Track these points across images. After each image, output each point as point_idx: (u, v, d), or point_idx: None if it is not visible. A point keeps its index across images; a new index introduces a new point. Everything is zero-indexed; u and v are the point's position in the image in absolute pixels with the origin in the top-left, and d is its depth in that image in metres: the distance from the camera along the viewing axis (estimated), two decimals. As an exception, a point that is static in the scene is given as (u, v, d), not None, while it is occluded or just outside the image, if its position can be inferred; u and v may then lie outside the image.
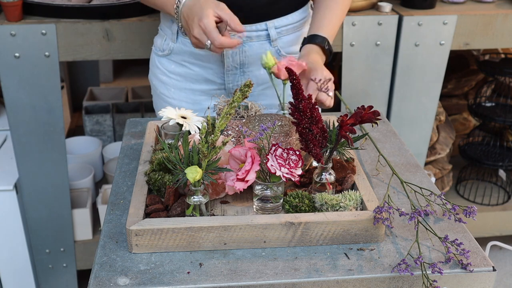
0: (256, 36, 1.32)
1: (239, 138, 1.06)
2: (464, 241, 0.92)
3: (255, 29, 1.31)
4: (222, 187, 0.99)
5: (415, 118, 1.94)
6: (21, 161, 1.79)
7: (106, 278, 0.82)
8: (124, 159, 1.17)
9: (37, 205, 1.87)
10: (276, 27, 1.32)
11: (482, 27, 1.82)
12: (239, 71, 1.35)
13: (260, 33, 1.32)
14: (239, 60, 1.33)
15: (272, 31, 1.32)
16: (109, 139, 2.45)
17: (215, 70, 1.36)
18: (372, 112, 0.92)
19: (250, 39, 1.31)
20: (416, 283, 0.85)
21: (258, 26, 1.31)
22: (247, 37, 1.31)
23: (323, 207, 0.93)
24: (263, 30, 1.32)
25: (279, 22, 1.32)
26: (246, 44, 1.32)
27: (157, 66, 1.43)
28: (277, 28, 1.33)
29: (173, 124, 1.05)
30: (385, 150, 1.21)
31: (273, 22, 1.32)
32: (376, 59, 1.82)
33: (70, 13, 1.67)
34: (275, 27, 1.32)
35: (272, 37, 1.32)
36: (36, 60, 1.66)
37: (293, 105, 0.93)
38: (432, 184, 1.09)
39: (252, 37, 1.31)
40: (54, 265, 2.00)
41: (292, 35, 1.36)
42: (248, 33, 1.30)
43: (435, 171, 2.25)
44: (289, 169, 0.89)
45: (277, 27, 1.33)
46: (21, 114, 1.72)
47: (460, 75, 2.39)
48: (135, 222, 0.87)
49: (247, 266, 0.85)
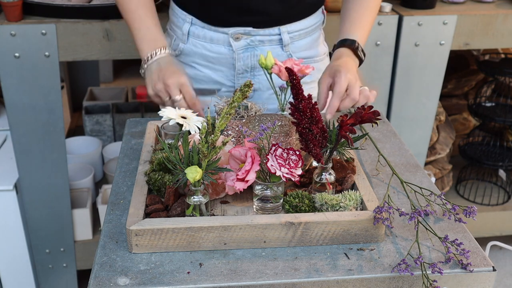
0: (269, 41, 1.30)
1: (239, 138, 1.06)
2: (464, 241, 0.92)
3: (268, 33, 1.30)
4: (222, 187, 0.99)
5: (415, 118, 1.94)
6: (21, 161, 1.79)
7: (106, 278, 0.82)
8: (124, 159, 1.17)
9: (37, 205, 1.87)
10: (289, 32, 1.31)
11: (482, 27, 1.82)
12: (250, 74, 1.34)
13: (273, 37, 1.31)
14: (250, 64, 1.32)
15: (285, 36, 1.31)
16: (109, 139, 2.45)
17: (226, 72, 1.35)
18: (372, 112, 0.92)
19: (262, 43, 1.30)
20: (416, 283, 0.85)
21: (271, 30, 1.30)
22: (259, 41, 1.30)
23: (323, 207, 0.93)
24: (276, 35, 1.30)
25: (292, 27, 1.31)
26: (258, 48, 1.31)
27: None
28: (290, 33, 1.31)
29: (173, 124, 1.05)
30: (385, 150, 1.21)
31: (286, 27, 1.30)
32: (376, 59, 1.82)
33: (70, 13, 1.67)
34: (288, 32, 1.31)
35: (284, 42, 1.31)
36: (36, 60, 1.66)
37: (293, 105, 0.93)
38: (432, 184, 1.09)
39: (264, 41, 1.30)
40: (54, 265, 2.00)
41: (304, 40, 1.35)
42: (260, 37, 1.30)
43: (435, 171, 2.25)
44: (289, 169, 0.89)
45: (290, 32, 1.31)
46: (21, 114, 1.72)
47: (460, 75, 2.39)
48: (135, 222, 0.87)
49: (247, 266, 0.85)
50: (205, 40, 1.32)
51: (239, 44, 1.30)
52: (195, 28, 1.32)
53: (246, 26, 1.28)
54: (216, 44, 1.31)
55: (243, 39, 1.29)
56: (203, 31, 1.31)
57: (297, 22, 1.32)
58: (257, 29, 1.28)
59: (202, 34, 1.31)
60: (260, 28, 1.28)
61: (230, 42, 1.29)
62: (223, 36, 1.30)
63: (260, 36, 1.29)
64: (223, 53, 1.31)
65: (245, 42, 1.30)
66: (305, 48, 1.36)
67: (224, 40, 1.30)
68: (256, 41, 1.30)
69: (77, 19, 1.67)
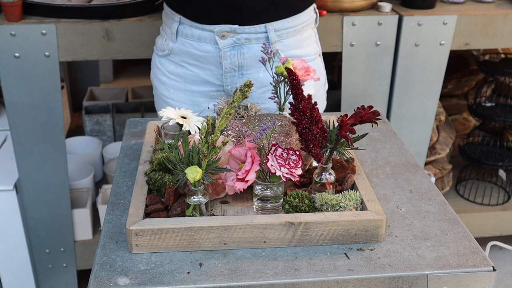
0: (255, 38, 1.30)
1: (239, 138, 1.06)
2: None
3: (254, 31, 1.29)
4: (222, 187, 0.99)
5: (415, 118, 1.94)
6: (21, 161, 1.79)
7: (106, 278, 0.82)
8: (124, 159, 1.17)
9: (37, 205, 1.87)
10: (276, 29, 1.30)
11: (482, 27, 1.82)
12: (238, 73, 1.33)
13: (259, 35, 1.30)
14: (238, 62, 1.32)
15: (271, 34, 1.30)
16: (109, 139, 2.45)
17: (214, 71, 1.34)
18: (372, 112, 0.92)
19: (249, 41, 1.30)
20: (416, 283, 0.85)
21: (258, 28, 1.29)
22: (245, 39, 1.30)
23: (323, 207, 0.93)
24: (263, 33, 1.30)
25: (279, 24, 1.30)
26: (245, 46, 1.30)
27: (157, 67, 1.42)
28: (277, 30, 1.30)
29: (173, 124, 1.05)
30: (385, 150, 1.21)
31: (272, 25, 1.29)
32: (376, 59, 1.82)
33: (70, 13, 1.67)
34: (274, 29, 1.30)
35: (271, 39, 1.30)
36: (36, 60, 1.66)
37: (293, 105, 0.93)
38: (432, 184, 1.09)
39: (251, 39, 1.30)
40: (54, 265, 2.00)
41: (292, 38, 1.34)
42: (247, 34, 1.29)
43: (435, 171, 2.25)
44: (289, 169, 0.89)
45: (277, 30, 1.30)
46: (21, 114, 1.72)
47: (460, 75, 2.39)
48: (135, 222, 0.87)
49: (247, 266, 0.85)
50: (193, 39, 1.32)
51: (225, 42, 1.29)
52: (183, 27, 1.32)
53: (231, 24, 1.28)
54: (204, 43, 1.31)
55: (230, 37, 1.29)
56: (191, 29, 1.31)
57: (284, 20, 1.31)
58: (242, 26, 1.28)
59: (190, 33, 1.32)
60: (246, 26, 1.28)
61: (216, 40, 1.29)
62: (209, 34, 1.30)
63: (246, 34, 1.29)
64: (210, 51, 1.31)
65: (231, 40, 1.29)
66: (294, 47, 1.34)
67: (210, 39, 1.30)
68: (242, 39, 1.29)
69: (77, 19, 1.67)
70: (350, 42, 1.78)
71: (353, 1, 1.75)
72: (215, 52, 1.31)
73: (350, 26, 1.76)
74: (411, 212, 0.99)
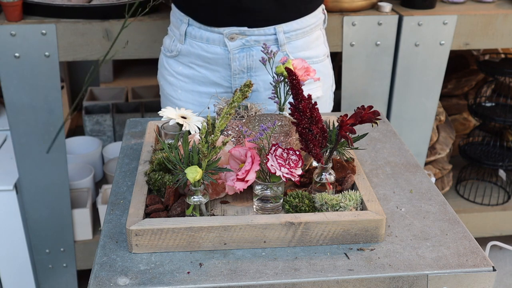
0: (264, 40, 1.29)
1: (239, 138, 1.06)
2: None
3: (263, 33, 1.29)
4: (222, 187, 0.99)
5: (415, 118, 1.94)
6: (21, 161, 1.79)
7: (106, 278, 0.82)
8: (124, 159, 1.17)
9: (37, 205, 1.87)
10: (285, 31, 1.30)
11: (482, 27, 1.82)
12: (247, 75, 1.33)
13: (269, 37, 1.29)
14: (246, 64, 1.31)
15: (280, 36, 1.29)
16: (109, 139, 2.45)
17: (222, 73, 1.34)
18: (372, 112, 0.92)
19: (258, 43, 1.29)
20: (416, 283, 0.85)
21: (267, 30, 1.29)
22: (254, 41, 1.29)
23: (323, 207, 0.93)
24: (272, 35, 1.29)
25: (288, 26, 1.30)
26: (254, 48, 1.30)
27: (165, 67, 1.42)
28: (286, 32, 1.30)
29: (173, 124, 1.05)
30: (385, 150, 1.21)
31: (281, 27, 1.29)
32: (376, 59, 1.82)
33: (70, 13, 1.67)
34: (284, 31, 1.30)
35: (280, 41, 1.30)
36: (36, 60, 1.66)
37: (293, 105, 0.93)
38: (432, 184, 1.09)
39: (260, 41, 1.29)
40: (54, 265, 2.00)
41: (301, 40, 1.33)
42: (256, 37, 1.29)
43: (435, 171, 2.25)
44: (289, 169, 0.89)
45: (286, 32, 1.30)
46: (21, 114, 1.72)
47: (460, 75, 2.39)
48: (135, 222, 0.87)
49: (247, 266, 0.85)
50: (201, 41, 1.32)
51: (234, 44, 1.29)
52: (192, 29, 1.32)
53: (240, 26, 1.28)
54: (212, 45, 1.31)
55: (238, 39, 1.29)
56: (200, 31, 1.31)
57: (293, 22, 1.30)
58: (252, 28, 1.28)
59: (199, 35, 1.31)
60: (255, 28, 1.28)
61: (225, 42, 1.29)
62: (218, 36, 1.29)
63: (255, 36, 1.29)
64: (219, 53, 1.31)
65: (240, 42, 1.29)
66: (302, 49, 1.34)
67: (219, 41, 1.30)
68: (251, 41, 1.29)
69: (77, 19, 1.67)
70: (350, 42, 1.78)
71: (353, 1, 1.75)
72: (224, 54, 1.31)
73: (350, 26, 1.76)
74: (411, 212, 0.99)
